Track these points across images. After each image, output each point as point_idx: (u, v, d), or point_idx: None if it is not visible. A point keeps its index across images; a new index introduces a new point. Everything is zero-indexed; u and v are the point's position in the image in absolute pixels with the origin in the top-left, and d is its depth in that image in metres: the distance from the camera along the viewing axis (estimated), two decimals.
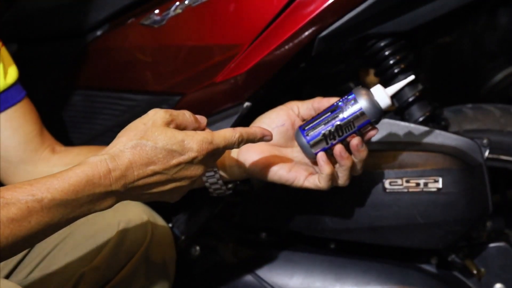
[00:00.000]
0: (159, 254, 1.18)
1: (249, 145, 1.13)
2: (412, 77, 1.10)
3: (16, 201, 0.84)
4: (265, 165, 1.12)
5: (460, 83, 2.11)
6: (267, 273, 1.45)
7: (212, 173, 1.15)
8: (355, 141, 1.07)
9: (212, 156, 1.00)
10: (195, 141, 0.96)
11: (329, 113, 1.08)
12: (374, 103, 1.06)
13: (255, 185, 1.35)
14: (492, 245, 1.47)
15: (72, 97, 1.53)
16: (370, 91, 1.07)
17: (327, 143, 1.08)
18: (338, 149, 1.07)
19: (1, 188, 0.86)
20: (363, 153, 1.09)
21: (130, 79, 1.46)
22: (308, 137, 1.09)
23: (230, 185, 1.19)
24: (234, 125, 1.36)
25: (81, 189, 0.88)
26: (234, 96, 1.36)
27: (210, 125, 1.37)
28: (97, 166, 0.90)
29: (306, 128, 1.10)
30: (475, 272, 1.42)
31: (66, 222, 0.90)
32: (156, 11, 1.38)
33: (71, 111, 1.54)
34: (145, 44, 1.42)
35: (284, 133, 1.14)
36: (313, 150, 1.09)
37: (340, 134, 1.07)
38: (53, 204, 0.86)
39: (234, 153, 1.15)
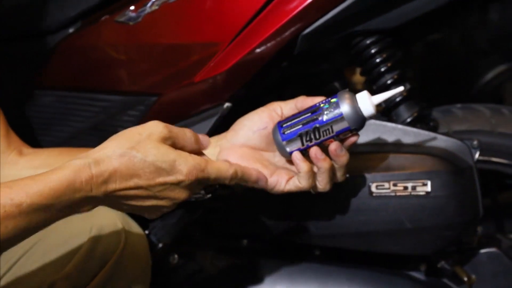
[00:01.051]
0: (134, 262, 1.17)
1: (229, 149, 1.13)
2: (401, 88, 1.08)
3: None
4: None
5: (450, 82, 2.13)
6: (248, 282, 1.45)
7: None
8: (333, 146, 1.07)
9: (200, 184, 1.00)
10: (187, 164, 0.96)
11: (309, 114, 1.07)
12: (356, 110, 1.04)
13: (236, 190, 1.35)
14: (483, 250, 1.48)
15: (43, 98, 1.52)
16: (354, 97, 1.05)
17: (303, 144, 1.08)
18: (314, 150, 1.07)
19: None
20: (342, 158, 1.08)
21: (104, 79, 1.46)
22: (284, 135, 1.09)
23: (209, 190, 1.19)
24: (214, 127, 1.35)
25: (61, 194, 0.88)
26: (214, 96, 1.36)
27: (188, 127, 1.37)
28: (80, 171, 0.90)
29: (284, 125, 1.09)
30: (465, 279, 1.43)
31: (43, 226, 0.89)
32: (132, 8, 1.38)
33: (42, 113, 1.53)
34: (120, 42, 1.42)
35: (266, 136, 1.13)
36: (288, 149, 1.09)
37: (317, 137, 1.07)
38: (31, 209, 0.86)
39: (214, 157, 1.14)
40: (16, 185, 0.86)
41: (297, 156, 1.08)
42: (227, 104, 1.35)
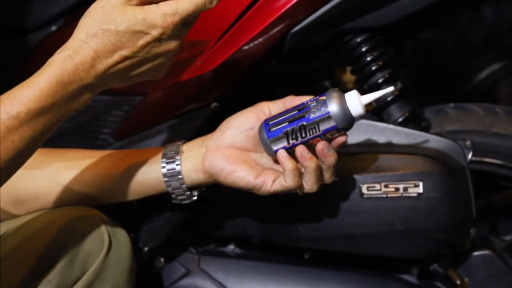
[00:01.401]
0: (118, 266, 1.16)
1: (215, 149, 1.13)
2: (391, 88, 1.08)
3: None
4: (232, 170, 1.11)
5: (443, 81, 2.13)
6: (236, 286, 1.44)
7: (174, 174, 1.14)
8: (320, 145, 1.06)
9: (185, 26, 1.00)
10: (158, 16, 0.95)
11: (296, 111, 1.07)
12: (344, 110, 1.04)
13: (222, 192, 1.34)
14: (476, 253, 1.48)
15: None
16: (343, 96, 1.05)
17: (288, 143, 1.07)
18: (299, 149, 1.07)
19: None
20: (330, 158, 1.08)
21: None
22: (269, 133, 1.08)
23: (194, 192, 1.18)
24: (201, 127, 1.35)
25: (54, 92, 0.90)
26: (201, 96, 1.35)
27: (174, 128, 1.37)
28: (63, 65, 0.92)
29: (270, 123, 1.09)
30: (458, 282, 1.43)
31: (50, 129, 0.93)
32: None
33: None
34: None
35: (253, 137, 1.13)
36: (273, 147, 1.08)
37: (303, 135, 1.06)
38: (30, 116, 0.89)
39: (200, 158, 1.14)
40: (6, 98, 0.89)
41: (282, 154, 1.07)
42: (214, 104, 1.35)
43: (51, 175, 1.19)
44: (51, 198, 1.19)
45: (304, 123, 1.05)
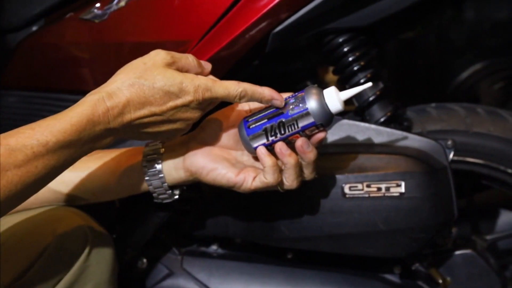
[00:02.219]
0: (100, 266, 1.16)
1: (197, 148, 1.13)
2: (369, 84, 1.09)
3: (22, 147, 0.90)
4: (212, 168, 1.12)
5: (425, 81, 2.13)
6: (219, 287, 1.44)
7: (155, 173, 1.15)
8: (299, 142, 1.07)
9: (209, 105, 1.05)
10: (193, 84, 1.01)
11: (275, 108, 1.08)
12: (323, 106, 1.05)
13: (205, 192, 1.34)
14: (458, 252, 1.49)
15: (6, 98, 1.50)
16: (321, 92, 1.06)
17: (268, 140, 1.08)
18: (278, 146, 1.08)
19: (2, 135, 0.91)
20: (309, 155, 1.09)
21: (70, 79, 1.45)
22: (249, 130, 1.09)
23: (176, 191, 1.19)
24: None
25: (83, 129, 0.95)
26: None
27: None
28: (96, 105, 0.96)
29: (250, 120, 1.09)
30: (440, 281, 1.44)
31: (70, 163, 0.97)
32: (97, 5, 1.37)
33: (5, 114, 1.51)
34: (86, 41, 1.41)
35: (234, 134, 1.14)
36: (253, 144, 1.09)
37: (282, 132, 1.07)
38: (57, 147, 0.93)
39: (181, 156, 1.14)
40: (38, 126, 0.93)
41: (261, 150, 1.09)
42: None
43: None
44: (32, 198, 1.19)
45: (283, 120, 1.06)
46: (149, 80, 0.99)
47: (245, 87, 1.05)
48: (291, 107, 1.06)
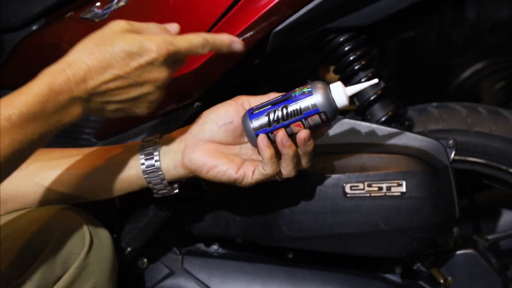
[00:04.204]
0: (100, 265, 1.16)
1: (195, 144, 1.13)
2: (375, 81, 1.10)
3: None
4: (212, 166, 1.12)
5: (426, 80, 2.13)
6: (220, 286, 1.44)
7: (154, 170, 1.14)
8: (301, 134, 1.08)
9: (175, 62, 1.05)
10: (155, 41, 1.00)
11: (280, 97, 1.09)
12: (330, 100, 1.06)
13: (206, 192, 1.34)
14: (459, 252, 1.49)
15: None
16: (328, 87, 1.07)
17: (270, 125, 1.08)
18: (280, 136, 1.08)
19: None
20: (309, 147, 1.10)
21: None
22: (252, 115, 1.09)
23: (175, 185, 1.19)
24: (184, 127, 1.35)
25: (45, 99, 0.93)
26: (183, 96, 1.35)
27: (157, 127, 1.36)
28: (56, 75, 0.96)
29: (254, 107, 1.10)
30: (441, 281, 1.43)
31: (39, 139, 0.94)
32: (97, 4, 1.36)
33: None
34: None
35: (232, 130, 1.13)
36: (254, 129, 1.09)
37: (285, 118, 1.07)
38: (22, 120, 0.91)
39: (179, 153, 1.14)
40: (1, 101, 0.92)
41: (262, 141, 1.09)
42: (197, 104, 1.35)
43: (29, 175, 1.19)
44: (30, 198, 1.19)
45: (287, 105, 1.07)
46: (109, 45, 0.99)
47: (205, 36, 1.06)
48: (296, 94, 1.07)
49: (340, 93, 1.07)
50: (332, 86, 1.08)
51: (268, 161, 1.09)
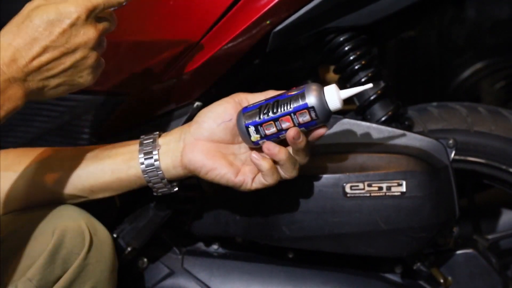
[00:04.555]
0: (100, 265, 1.16)
1: (193, 144, 1.13)
2: (370, 85, 1.09)
3: None
4: (211, 168, 1.11)
5: (426, 80, 2.13)
6: (220, 286, 1.44)
7: (153, 170, 1.14)
8: (290, 132, 1.07)
9: (100, 20, 1.04)
10: (71, 2, 0.99)
11: (274, 96, 1.09)
12: (320, 98, 1.06)
13: (206, 191, 1.34)
14: (459, 252, 1.49)
15: None
16: (322, 89, 1.07)
17: (259, 117, 1.08)
18: (265, 146, 1.08)
19: None
20: (300, 144, 1.08)
21: None
22: (245, 109, 1.10)
23: (175, 183, 1.19)
24: None
25: None
26: (183, 95, 1.35)
27: (157, 127, 1.36)
28: None
29: (248, 106, 1.11)
30: (441, 281, 1.43)
31: None
32: None
33: None
34: None
35: (231, 128, 1.13)
36: (245, 122, 1.09)
37: (275, 110, 1.07)
38: None
39: (178, 152, 1.14)
40: None
41: (255, 156, 1.09)
42: (197, 103, 1.35)
43: (28, 175, 1.19)
44: (29, 199, 1.19)
45: (279, 100, 1.08)
46: (26, 21, 0.98)
47: None
48: (290, 91, 1.08)
49: (334, 95, 1.06)
50: (326, 89, 1.07)
51: (268, 172, 1.09)
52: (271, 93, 1.12)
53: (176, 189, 1.19)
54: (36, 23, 0.98)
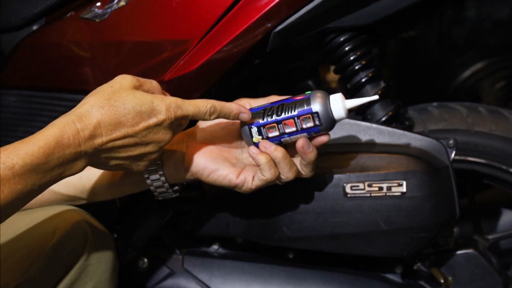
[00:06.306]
0: (101, 266, 1.16)
1: (196, 147, 1.13)
2: (376, 97, 1.10)
3: None
4: (214, 169, 1.12)
5: (426, 80, 2.14)
6: (220, 286, 1.44)
7: (155, 172, 1.14)
8: (299, 142, 1.08)
9: (179, 126, 1.06)
10: (165, 103, 1.01)
11: (280, 100, 1.10)
12: (325, 104, 1.06)
13: (206, 192, 1.34)
14: (459, 252, 1.49)
15: (6, 97, 1.50)
16: (328, 97, 1.07)
17: (263, 119, 1.09)
18: (262, 144, 1.09)
19: None
20: (310, 155, 1.10)
21: (70, 78, 1.44)
22: (251, 109, 1.10)
23: (176, 187, 1.19)
24: (185, 128, 1.35)
25: (51, 152, 0.92)
26: (184, 95, 1.34)
27: None
28: (65, 127, 0.94)
29: (255, 107, 1.11)
30: (442, 281, 1.43)
31: (38, 189, 0.93)
32: (98, 4, 1.37)
33: (5, 113, 1.51)
34: (86, 40, 1.41)
35: (234, 132, 1.14)
36: (248, 124, 1.10)
37: (279, 113, 1.08)
38: (24, 170, 0.89)
39: (181, 155, 1.14)
40: (4, 150, 0.90)
41: (253, 150, 1.10)
42: None
43: None
44: (32, 200, 1.19)
45: (284, 103, 1.09)
46: (119, 101, 0.98)
47: (214, 103, 1.06)
48: (296, 96, 1.08)
49: (339, 104, 1.07)
50: (332, 96, 1.08)
51: (265, 166, 1.09)
52: (273, 98, 1.13)
53: (177, 194, 1.19)
54: (127, 109, 0.98)
